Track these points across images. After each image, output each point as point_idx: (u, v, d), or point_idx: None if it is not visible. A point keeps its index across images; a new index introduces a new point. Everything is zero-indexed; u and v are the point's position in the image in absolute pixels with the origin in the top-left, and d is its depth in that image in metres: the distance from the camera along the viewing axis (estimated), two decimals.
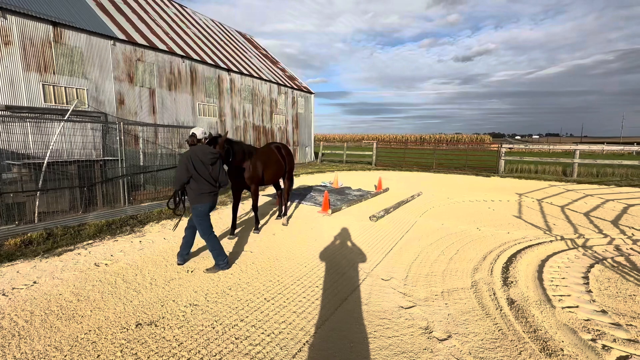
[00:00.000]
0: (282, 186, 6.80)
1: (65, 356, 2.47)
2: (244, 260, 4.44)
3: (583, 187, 11.27)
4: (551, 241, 5.35)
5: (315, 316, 3.08)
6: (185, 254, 4.29)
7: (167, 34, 13.61)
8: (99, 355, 2.48)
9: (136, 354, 2.50)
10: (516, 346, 2.64)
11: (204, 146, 4.07)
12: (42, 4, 9.16)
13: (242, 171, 5.36)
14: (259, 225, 5.94)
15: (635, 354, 2.53)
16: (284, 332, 2.82)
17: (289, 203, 7.29)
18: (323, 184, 11.39)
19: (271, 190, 10.26)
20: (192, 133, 4.13)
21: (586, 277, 3.93)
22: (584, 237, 5.56)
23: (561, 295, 3.49)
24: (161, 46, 12.13)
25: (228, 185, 4.51)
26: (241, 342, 2.68)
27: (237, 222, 6.35)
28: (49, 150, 5.96)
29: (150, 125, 8.54)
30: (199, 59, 13.71)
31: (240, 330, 2.84)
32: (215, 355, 2.50)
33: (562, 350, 2.58)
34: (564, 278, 3.92)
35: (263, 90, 18.09)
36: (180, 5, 18.16)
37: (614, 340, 2.70)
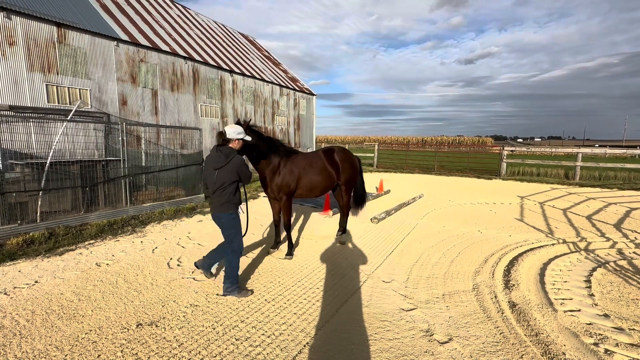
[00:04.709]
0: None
1: (65, 356, 2.47)
2: (245, 261, 4.44)
3: (585, 190, 11.22)
4: (553, 244, 5.33)
5: (315, 318, 3.08)
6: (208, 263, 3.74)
7: (170, 35, 13.67)
8: (99, 355, 2.48)
9: (137, 354, 2.50)
10: (518, 350, 2.62)
11: (220, 147, 3.36)
12: (46, 5, 9.22)
13: (270, 175, 4.41)
14: (292, 250, 4.68)
15: (638, 359, 2.51)
16: (285, 334, 2.81)
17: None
18: None
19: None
20: (220, 132, 3.41)
21: (588, 281, 3.91)
22: (586, 241, 5.53)
23: (563, 299, 3.47)
24: (164, 47, 12.18)
25: (248, 181, 3.54)
26: (241, 343, 2.67)
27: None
28: (52, 150, 5.99)
29: (152, 126, 8.58)
30: (201, 60, 13.76)
31: (240, 331, 2.84)
32: (215, 356, 2.50)
33: (564, 354, 2.56)
34: (566, 281, 3.90)
35: (265, 92, 18.13)
36: (183, 7, 18.25)
37: (617, 345, 2.68)
